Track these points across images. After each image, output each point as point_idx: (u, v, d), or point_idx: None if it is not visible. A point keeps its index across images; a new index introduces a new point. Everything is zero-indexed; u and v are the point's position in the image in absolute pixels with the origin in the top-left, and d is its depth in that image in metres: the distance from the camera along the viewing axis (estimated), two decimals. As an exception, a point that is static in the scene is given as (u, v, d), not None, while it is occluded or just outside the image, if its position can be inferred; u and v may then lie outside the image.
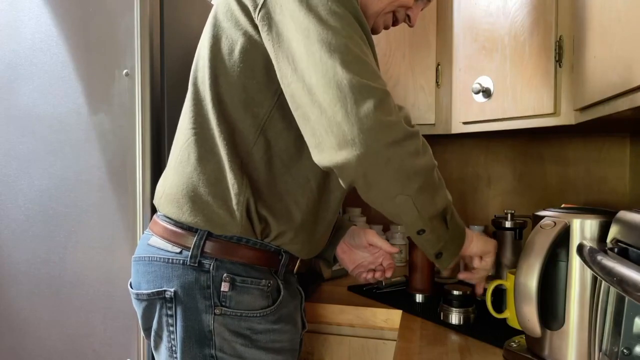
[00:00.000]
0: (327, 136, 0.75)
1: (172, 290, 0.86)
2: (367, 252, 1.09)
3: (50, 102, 1.18)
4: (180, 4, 1.22)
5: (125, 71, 1.12)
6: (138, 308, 0.93)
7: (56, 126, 1.17)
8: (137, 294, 0.91)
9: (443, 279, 1.40)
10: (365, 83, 0.74)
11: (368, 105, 0.73)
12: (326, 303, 1.21)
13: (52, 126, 1.18)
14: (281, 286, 0.91)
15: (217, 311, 0.85)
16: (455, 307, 1.07)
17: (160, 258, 0.88)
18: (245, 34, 0.84)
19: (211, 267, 0.85)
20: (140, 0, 1.11)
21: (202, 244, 0.86)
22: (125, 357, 1.15)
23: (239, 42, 0.85)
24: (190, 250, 0.86)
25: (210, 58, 0.88)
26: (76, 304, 1.17)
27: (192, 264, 0.86)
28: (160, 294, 0.87)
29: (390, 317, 1.17)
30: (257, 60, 0.84)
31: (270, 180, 0.88)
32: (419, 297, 1.26)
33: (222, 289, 0.85)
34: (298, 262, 0.97)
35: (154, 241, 0.91)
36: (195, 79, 0.91)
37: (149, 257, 0.90)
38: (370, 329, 1.19)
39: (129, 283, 0.96)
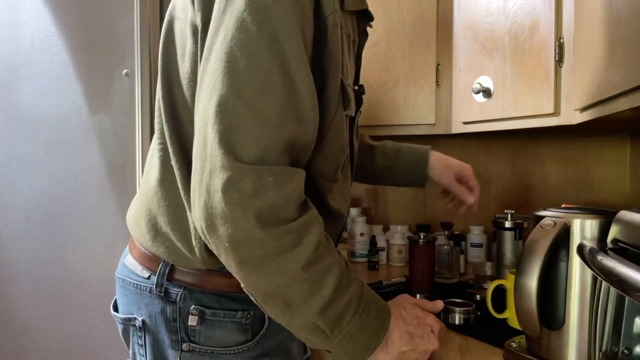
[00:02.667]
0: (193, 184, 0.63)
1: (141, 319, 0.77)
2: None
3: (50, 102, 1.18)
4: (180, 4, 1.22)
5: (125, 71, 1.12)
6: (119, 328, 0.85)
7: (56, 126, 1.18)
8: (115, 316, 0.84)
9: (443, 279, 1.40)
10: (222, 155, 0.58)
11: (217, 183, 0.59)
12: (326, 303, 1.21)
13: (52, 126, 1.18)
14: (266, 316, 0.76)
15: (184, 347, 0.74)
16: (456, 307, 1.07)
17: (130, 282, 0.79)
18: (194, 29, 0.69)
19: (178, 298, 0.74)
20: (140, 1, 1.11)
21: (167, 271, 0.75)
22: (125, 358, 1.15)
23: (189, 43, 0.70)
24: (156, 277, 0.75)
25: (163, 61, 0.75)
26: (76, 304, 1.17)
27: (157, 293, 0.75)
28: (131, 321, 0.79)
29: (390, 317, 1.17)
30: None
31: None
32: (419, 297, 1.26)
33: (189, 323, 0.74)
34: None
35: (127, 261, 0.82)
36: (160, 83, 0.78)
37: (122, 278, 0.82)
38: (370, 329, 1.19)
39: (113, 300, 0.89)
